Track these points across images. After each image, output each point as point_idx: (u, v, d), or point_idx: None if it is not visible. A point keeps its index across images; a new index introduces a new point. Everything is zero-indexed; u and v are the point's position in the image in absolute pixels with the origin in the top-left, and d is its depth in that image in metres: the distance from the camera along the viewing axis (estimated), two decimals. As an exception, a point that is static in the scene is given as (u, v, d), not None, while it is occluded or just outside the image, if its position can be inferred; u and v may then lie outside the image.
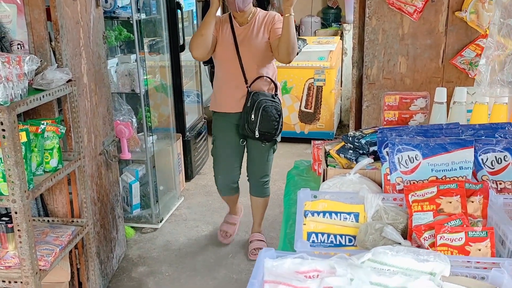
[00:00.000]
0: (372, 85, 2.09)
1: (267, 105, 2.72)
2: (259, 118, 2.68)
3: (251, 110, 2.70)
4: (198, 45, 2.70)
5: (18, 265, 1.80)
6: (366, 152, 1.73)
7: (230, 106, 2.85)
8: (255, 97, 2.72)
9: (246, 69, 2.75)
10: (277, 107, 2.77)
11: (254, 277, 0.97)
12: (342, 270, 0.97)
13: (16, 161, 1.66)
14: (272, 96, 2.80)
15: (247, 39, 2.76)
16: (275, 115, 2.75)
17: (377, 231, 1.23)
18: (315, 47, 5.21)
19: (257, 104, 2.69)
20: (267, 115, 2.71)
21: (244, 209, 3.63)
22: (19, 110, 1.69)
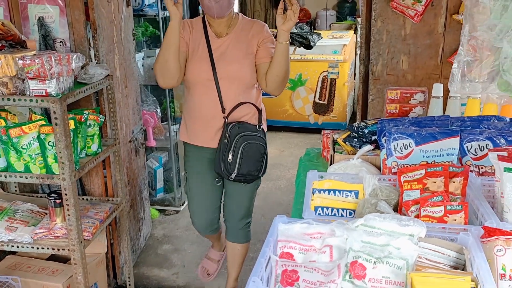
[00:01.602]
0: (377, 80, 2.31)
1: (249, 142, 2.15)
2: (238, 159, 2.13)
3: (229, 148, 2.14)
4: (164, 74, 2.12)
5: (65, 235, 2.08)
6: (368, 140, 1.97)
7: (203, 140, 2.27)
8: (234, 131, 2.15)
9: (225, 94, 2.16)
10: (261, 142, 2.22)
11: (270, 236, 1.23)
12: (340, 232, 1.22)
13: (66, 145, 1.93)
14: (255, 128, 2.22)
15: (226, 56, 2.16)
16: (259, 153, 2.20)
17: (373, 205, 1.47)
18: (330, 41, 5.41)
19: (236, 141, 2.13)
20: (248, 155, 2.16)
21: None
22: (68, 101, 1.96)
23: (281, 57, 2.08)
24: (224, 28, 2.20)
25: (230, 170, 2.16)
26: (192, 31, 2.19)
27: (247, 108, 2.22)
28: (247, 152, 2.15)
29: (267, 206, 3.84)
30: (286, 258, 1.20)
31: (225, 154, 2.15)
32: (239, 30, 2.20)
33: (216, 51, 2.16)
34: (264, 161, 2.25)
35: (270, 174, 4.43)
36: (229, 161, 2.14)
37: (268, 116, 5.46)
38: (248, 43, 2.18)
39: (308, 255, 1.20)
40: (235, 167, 2.15)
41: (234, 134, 2.14)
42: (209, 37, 2.18)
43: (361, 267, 1.12)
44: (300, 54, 5.28)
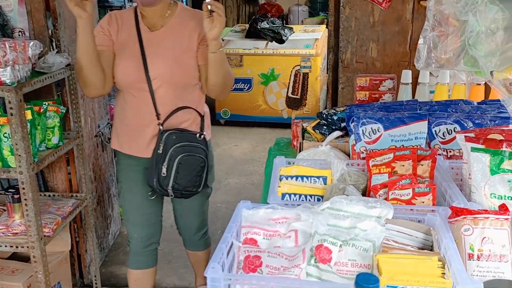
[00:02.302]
0: (347, 68, 2.29)
1: (187, 154, 1.88)
2: (173, 173, 1.86)
3: (162, 160, 1.86)
4: (85, 84, 1.83)
5: (24, 232, 1.98)
6: (338, 127, 1.93)
7: (136, 149, 1.96)
8: (170, 140, 1.86)
9: (159, 97, 1.87)
10: (201, 154, 1.92)
11: (232, 222, 1.17)
12: (305, 216, 1.17)
13: (22, 136, 1.83)
14: (196, 137, 1.93)
15: (161, 52, 1.86)
16: (198, 166, 1.91)
17: (341, 190, 1.43)
18: (302, 35, 5.40)
19: (172, 152, 1.85)
20: (185, 169, 1.87)
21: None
22: (25, 91, 1.86)
23: (215, 68, 1.81)
24: (158, 19, 1.89)
25: (164, 185, 1.88)
26: (121, 26, 1.88)
27: (186, 113, 1.91)
28: (184, 166, 1.87)
29: (239, 202, 3.78)
30: (250, 244, 1.15)
31: (158, 166, 1.87)
32: (176, 22, 1.90)
33: (149, 47, 1.86)
34: (203, 175, 1.94)
35: (244, 170, 4.38)
36: (163, 175, 1.86)
37: (241, 112, 5.50)
38: (188, 37, 1.87)
39: (273, 240, 1.15)
40: (170, 182, 1.87)
41: (169, 144, 1.86)
42: (140, 30, 1.87)
43: (326, 250, 1.07)
44: (272, 48, 5.24)
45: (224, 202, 3.80)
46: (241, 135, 5.32)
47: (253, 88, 5.36)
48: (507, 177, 1.25)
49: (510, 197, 1.24)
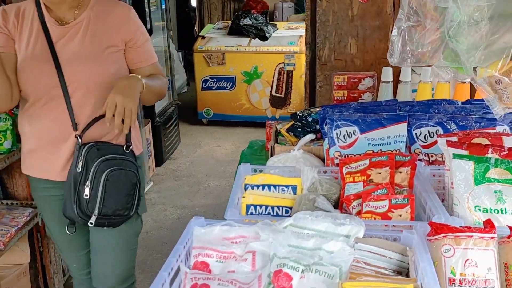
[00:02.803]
0: (324, 66, 2.14)
1: (116, 168, 1.54)
2: (100, 193, 1.51)
3: (84, 179, 1.51)
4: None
5: (-28, 245, 1.82)
6: (313, 129, 1.79)
7: (51, 172, 1.63)
8: (92, 154, 1.53)
9: (76, 104, 1.57)
10: (132, 169, 1.59)
11: (180, 243, 1.02)
12: (265, 235, 1.02)
13: (-35, 142, 1.67)
14: (122, 150, 1.60)
15: (75, 51, 1.57)
16: (129, 183, 1.58)
17: (310, 201, 1.28)
18: (285, 32, 5.25)
19: (96, 168, 1.51)
20: (114, 187, 1.53)
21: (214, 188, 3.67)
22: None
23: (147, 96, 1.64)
24: (68, 10, 1.58)
25: (88, 211, 1.50)
26: (21, 21, 1.57)
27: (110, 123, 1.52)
28: (113, 183, 1.52)
29: (219, 206, 3.63)
30: (200, 269, 1.00)
31: (78, 188, 1.50)
32: (92, 14, 1.61)
33: (60, 45, 1.55)
34: (136, 194, 1.59)
35: (224, 172, 4.23)
36: (86, 198, 1.49)
37: (223, 111, 5.34)
38: (107, 31, 1.61)
39: (227, 264, 1.00)
40: (96, 205, 1.49)
41: (92, 158, 1.51)
42: (46, 24, 1.56)
43: (286, 277, 0.92)
44: (255, 45, 5.09)
45: (203, 206, 3.65)
46: (224, 135, 5.16)
47: (236, 87, 5.21)
48: (493, 187, 1.11)
49: (496, 210, 1.10)
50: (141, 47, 1.68)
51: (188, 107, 5.73)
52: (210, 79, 5.23)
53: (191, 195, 3.83)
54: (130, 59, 1.67)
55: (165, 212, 3.57)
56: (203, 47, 5.19)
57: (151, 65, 1.71)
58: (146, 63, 1.70)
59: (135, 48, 1.66)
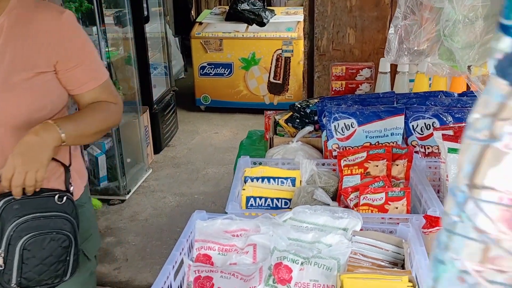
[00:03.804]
0: (323, 56, 2.15)
1: (36, 232, 1.18)
2: (16, 264, 1.18)
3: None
4: None
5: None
6: (311, 121, 1.81)
7: None
8: (7, 213, 1.17)
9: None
10: (62, 228, 1.22)
11: (183, 237, 1.05)
12: (265, 228, 1.05)
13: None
14: (53, 200, 1.21)
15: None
16: (58, 249, 1.21)
17: (309, 194, 1.31)
18: (283, 17, 5.23)
19: (11, 233, 1.17)
20: (34, 256, 1.19)
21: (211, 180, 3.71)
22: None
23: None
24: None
25: (4, 282, 1.19)
26: None
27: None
28: (33, 252, 1.18)
29: (217, 193, 3.67)
30: (203, 261, 1.04)
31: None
32: (10, 19, 1.20)
33: None
34: (70, 258, 1.24)
35: (223, 159, 4.26)
36: (0, 268, 1.17)
37: (221, 97, 5.35)
38: (29, 48, 1.20)
39: (228, 256, 1.04)
40: (13, 278, 1.18)
41: (8, 219, 1.17)
42: None
43: (286, 269, 0.96)
44: (252, 31, 5.07)
45: (202, 193, 3.68)
46: (221, 122, 5.17)
47: (234, 73, 5.20)
48: (487, 180, 1.14)
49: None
50: (82, 66, 1.27)
51: (185, 93, 5.73)
52: (208, 65, 5.22)
53: (189, 182, 3.87)
54: (65, 83, 1.27)
55: (164, 200, 3.61)
56: (200, 33, 5.17)
57: (95, 89, 1.30)
58: (87, 86, 1.29)
59: (69, 70, 1.25)
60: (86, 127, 1.26)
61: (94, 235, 1.49)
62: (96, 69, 1.32)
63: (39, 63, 1.21)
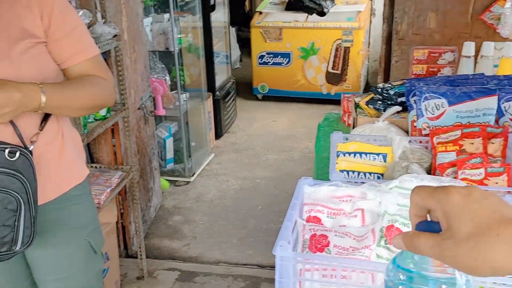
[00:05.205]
0: (402, 40, 2.17)
1: None
2: None
3: None
4: None
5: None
6: (394, 102, 1.84)
7: None
8: None
9: None
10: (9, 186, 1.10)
11: (295, 199, 1.12)
12: (372, 195, 1.10)
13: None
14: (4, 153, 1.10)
15: None
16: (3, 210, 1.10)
17: (404, 168, 1.35)
18: (344, 7, 5.21)
19: None
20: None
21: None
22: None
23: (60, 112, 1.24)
24: None
25: None
26: None
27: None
28: None
29: (279, 178, 3.74)
30: (313, 222, 1.10)
31: None
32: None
33: None
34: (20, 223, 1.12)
35: (282, 146, 4.33)
36: None
37: (279, 87, 5.41)
38: (18, 17, 1.16)
39: (337, 219, 1.09)
40: None
41: None
42: None
43: (398, 231, 1.01)
44: (312, 21, 5.09)
45: (264, 178, 3.76)
46: (279, 111, 5.24)
47: (292, 63, 5.25)
48: None
49: None
50: (70, 35, 1.22)
51: (240, 82, 5.82)
52: (267, 54, 5.29)
53: (251, 167, 3.96)
54: (54, 56, 1.22)
55: (227, 183, 3.72)
56: (260, 22, 5.24)
57: (84, 63, 1.26)
58: (76, 59, 1.24)
59: (58, 40, 1.21)
60: (70, 97, 1.20)
61: (98, 229, 1.44)
62: (85, 42, 1.28)
63: (34, 32, 1.17)
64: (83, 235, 1.36)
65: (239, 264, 2.76)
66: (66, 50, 1.24)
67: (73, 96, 1.21)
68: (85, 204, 1.38)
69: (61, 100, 1.18)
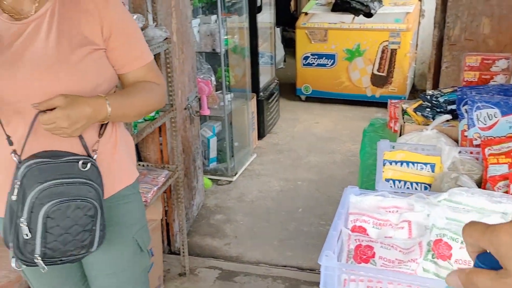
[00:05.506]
0: (453, 46, 2.11)
1: (60, 200, 1.14)
2: (39, 233, 1.14)
3: (20, 212, 1.15)
4: None
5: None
6: (443, 110, 1.80)
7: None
8: (29, 178, 1.15)
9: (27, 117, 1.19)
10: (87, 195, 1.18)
11: (341, 208, 1.12)
12: (419, 207, 1.09)
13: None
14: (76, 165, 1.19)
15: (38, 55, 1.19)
16: (83, 217, 1.17)
17: (453, 179, 1.33)
18: (391, 8, 5.11)
19: (33, 200, 1.13)
20: (58, 225, 1.15)
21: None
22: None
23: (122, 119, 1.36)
24: (26, 3, 1.20)
25: (27, 252, 1.15)
26: None
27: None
28: (57, 220, 1.14)
29: (321, 180, 3.73)
30: (359, 232, 1.10)
31: (15, 221, 1.15)
32: (58, 2, 1.22)
33: (11, 45, 1.18)
34: (96, 227, 1.21)
35: (325, 148, 4.30)
36: (26, 238, 1.13)
37: (322, 88, 5.38)
38: (79, 26, 1.22)
39: (383, 230, 1.09)
40: (37, 248, 1.14)
41: (30, 185, 1.13)
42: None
43: (446, 246, 0.99)
44: (359, 23, 5.02)
45: (305, 180, 3.76)
46: (321, 112, 5.21)
47: (337, 64, 5.20)
48: None
49: None
50: (128, 44, 1.29)
51: (284, 83, 5.82)
52: (311, 55, 5.27)
53: (292, 168, 3.96)
54: (112, 62, 1.28)
55: (269, 184, 3.74)
56: (305, 23, 5.23)
57: (140, 69, 1.32)
58: (134, 65, 1.31)
59: (116, 48, 1.27)
60: (130, 106, 1.28)
61: (145, 227, 1.48)
62: (141, 49, 1.34)
63: (94, 39, 1.23)
64: (131, 233, 1.41)
65: (278, 266, 2.77)
66: (123, 57, 1.29)
67: (132, 104, 1.29)
68: (134, 204, 1.43)
69: (123, 109, 1.27)
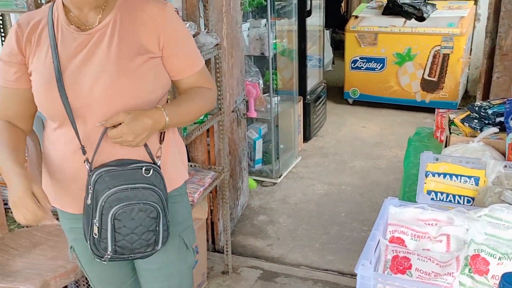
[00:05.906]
0: (505, 56, 2.07)
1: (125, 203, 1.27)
2: (109, 233, 1.29)
3: (93, 214, 1.29)
4: None
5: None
6: (492, 122, 1.78)
7: (66, 203, 1.44)
8: (100, 185, 1.28)
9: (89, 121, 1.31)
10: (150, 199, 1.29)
11: (380, 219, 1.15)
12: (459, 221, 1.11)
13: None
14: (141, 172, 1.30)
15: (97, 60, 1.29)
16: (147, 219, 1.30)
17: (496, 194, 1.32)
18: (445, 12, 5.00)
19: (103, 204, 1.27)
20: (125, 226, 1.29)
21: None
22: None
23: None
24: (92, 12, 1.32)
25: (101, 249, 1.30)
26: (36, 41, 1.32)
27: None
28: (123, 221, 1.28)
29: (365, 186, 3.72)
30: (397, 243, 1.13)
31: (91, 223, 1.30)
32: (120, 13, 1.33)
33: (79, 55, 1.29)
34: (159, 228, 1.32)
35: (370, 153, 4.28)
36: (96, 237, 1.29)
37: (370, 92, 5.34)
38: (138, 36, 1.32)
39: (421, 242, 1.11)
40: (108, 246, 1.29)
41: (101, 190, 1.27)
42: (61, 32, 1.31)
43: (483, 261, 1.01)
44: (410, 26, 4.94)
45: (349, 184, 3.76)
46: (369, 116, 5.17)
47: (386, 68, 5.14)
48: None
49: None
50: (181, 53, 1.38)
51: (331, 86, 5.81)
52: (360, 59, 5.24)
53: (337, 173, 3.97)
54: (167, 67, 1.37)
55: (313, 187, 3.77)
56: (355, 27, 5.20)
57: (193, 75, 1.42)
58: (187, 72, 1.40)
59: (171, 56, 1.36)
60: (185, 113, 1.39)
61: (191, 227, 1.57)
62: (193, 56, 1.43)
63: (151, 48, 1.33)
64: (178, 231, 1.49)
65: (319, 269, 2.80)
66: (177, 65, 1.39)
67: (186, 112, 1.40)
68: (182, 204, 1.52)
69: (178, 117, 1.37)
